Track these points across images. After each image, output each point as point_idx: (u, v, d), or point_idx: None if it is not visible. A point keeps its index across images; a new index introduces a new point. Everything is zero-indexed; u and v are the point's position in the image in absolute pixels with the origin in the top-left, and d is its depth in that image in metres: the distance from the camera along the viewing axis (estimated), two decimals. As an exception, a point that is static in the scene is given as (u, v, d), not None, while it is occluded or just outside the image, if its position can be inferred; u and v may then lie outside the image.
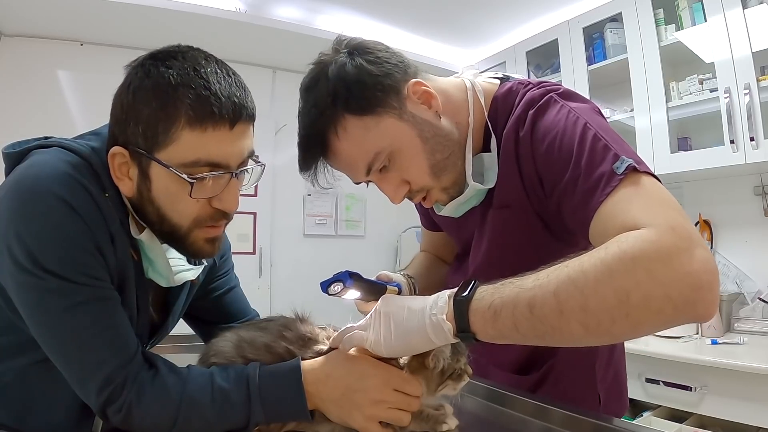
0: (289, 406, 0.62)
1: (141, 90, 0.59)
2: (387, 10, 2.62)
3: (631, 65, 2.07)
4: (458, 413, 0.70)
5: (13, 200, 0.57)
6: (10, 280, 0.58)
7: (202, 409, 0.60)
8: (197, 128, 0.58)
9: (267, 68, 3.03)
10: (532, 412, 0.77)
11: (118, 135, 0.62)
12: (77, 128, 0.70)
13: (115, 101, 0.62)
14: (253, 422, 0.61)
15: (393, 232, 3.47)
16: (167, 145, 0.59)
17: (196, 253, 0.67)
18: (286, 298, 3.26)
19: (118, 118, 0.61)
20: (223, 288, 0.89)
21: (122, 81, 0.62)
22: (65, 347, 0.59)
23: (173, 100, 0.58)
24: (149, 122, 0.59)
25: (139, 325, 0.70)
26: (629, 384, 1.10)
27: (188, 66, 0.60)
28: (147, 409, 0.58)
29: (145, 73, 0.60)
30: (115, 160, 0.62)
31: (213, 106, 0.58)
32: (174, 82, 0.58)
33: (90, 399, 0.59)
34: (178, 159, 0.59)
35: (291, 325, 0.70)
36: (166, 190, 0.61)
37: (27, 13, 2.32)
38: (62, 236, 0.57)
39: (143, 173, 0.61)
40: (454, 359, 0.65)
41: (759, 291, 1.82)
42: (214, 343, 0.69)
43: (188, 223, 0.63)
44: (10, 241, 0.56)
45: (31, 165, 0.60)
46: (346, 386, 0.62)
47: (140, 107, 0.59)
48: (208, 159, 0.60)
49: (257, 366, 0.63)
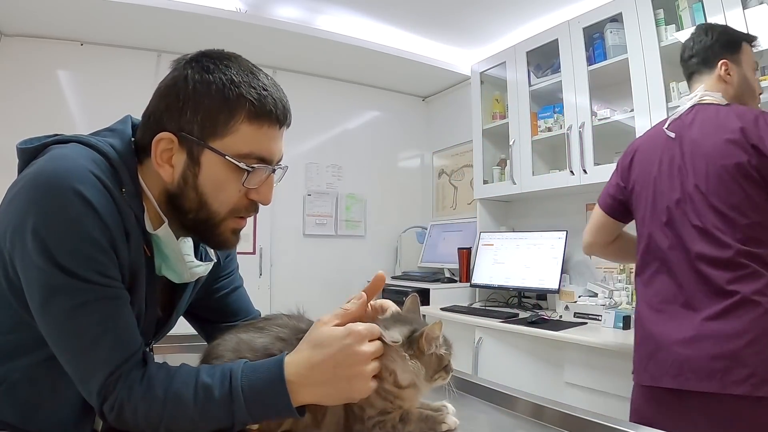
0: (272, 401, 0.60)
1: (203, 83, 0.63)
2: (387, 10, 2.62)
3: (631, 65, 2.07)
4: (458, 413, 0.70)
5: (31, 194, 0.57)
6: (22, 274, 0.58)
7: (186, 406, 0.59)
8: (255, 123, 0.64)
9: (267, 68, 3.01)
10: (532, 413, 0.77)
11: (168, 122, 0.64)
12: (77, 128, 0.71)
13: (168, 90, 0.65)
14: (238, 419, 0.59)
15: (393, 232, 3.47)
16: (225, 135, 0.63)
17: (222, 243, 0.70)
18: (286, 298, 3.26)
19: (170, 105, 0.64)
20: (228, 287, 0.89)
21: (171, 73, 0.66)
22: (71, 345, 0.59)
23: (237, 96, 0.63)
24: (210, 113, 0.63)
25: (146, 323, 0.70)
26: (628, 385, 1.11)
27: (245, 68, 0.65)
28: (136, 407, 0.58)
29: (204, 69, 0.64)
30: (160, 146, 0.64)
31: (271, 105, 0.65)
32: (237, 80, 0.63)
33: (92, 397, 0.59)
34: (233, 149, 0.64)
35: (289, 324, 0.70)
36: (214, 178, 0.65)
37: (27, 13, 2.32)
38: (78, 232, 0.57)
39: (193, 160, 0.64)
40: (447, 351, 0.66)
41: (759, 291, 1.82)
42: (215, 347, 0.69)
43: (225, 211, 0.67)
44: (25, 235, 0.56)
45: (51, 159, 0.60)
46: (331, 358, 0.60)
47: (201, 98, 0.63)
48: (259, 153, 0.65)
49: (243, 362, 0.62)
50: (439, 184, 3.59)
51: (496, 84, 2.85)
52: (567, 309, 2.26)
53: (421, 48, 3.01)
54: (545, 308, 2.50)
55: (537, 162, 2.56)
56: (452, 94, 3.47)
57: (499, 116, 2.82)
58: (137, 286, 0.65)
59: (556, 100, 2.47)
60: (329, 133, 3.31)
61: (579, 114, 2.26)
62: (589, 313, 2.13)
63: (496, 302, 2.70)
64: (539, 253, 2.48)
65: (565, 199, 2.62)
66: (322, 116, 3.27)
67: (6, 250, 0.59)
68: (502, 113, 2.81)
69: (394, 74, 3.27)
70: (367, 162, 3.41)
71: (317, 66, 3.11)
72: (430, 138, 3.67)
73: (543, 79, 2.52)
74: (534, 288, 2.46)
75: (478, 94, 2.88)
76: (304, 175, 3.16)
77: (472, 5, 2.50)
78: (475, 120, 2.88)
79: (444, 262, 3.10)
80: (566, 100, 2.33)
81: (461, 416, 0.70)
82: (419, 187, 3.66)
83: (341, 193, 3.28)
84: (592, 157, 2.21)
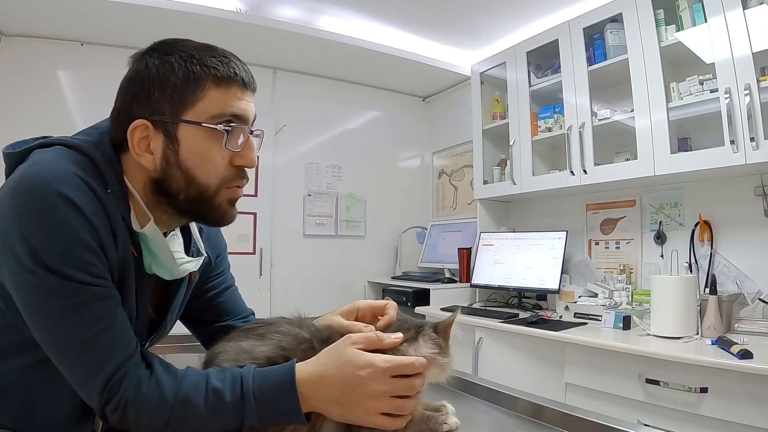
0: (283, 408, 0.61)
1: (165, 64, 0.64)
2: (387, 11, 2.62)
3: (631, 65, 2.06)
4: (458, 413, 0.70)
5: (17, 199, 0.57)
6: (11, 280, 0.58)
7: (196, 410, 0.59)
8: (222, 86, 0.65)
9: (267, 68, 3.04)
10: (532, 413, 0.77)
11: (137, 110, 0.65)
12: (77, 128, 0.70)
13: (132, 82, 0.65)
14: (246, 424, 0.60)
15: (393, 232, 3.47)
16: (195, 103, 0.64)
17: (220, 217, 0.70)
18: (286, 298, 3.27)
19: (137, 93, 0.65)
20: (219, 287, 0.89)
21: (130, 68, 0.66)
22: (66, 348, 0.58)
23: (200, 65, 0.64)
24: (177, 87, 0.64)
25: (138, 323, 0.70)
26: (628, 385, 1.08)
27: (200, 45, 0.67)
28: (141, 408, 0.58)
29: (162, 53, 0.65)
30: (135, 135, 0.64)
31: (235, 69, 0.67)
32: (197, 55, 0.65)
33: (92, 399, 0.59)
34: (205, 114, 0.65)
35: (291, 332, 0.69)
36: (195, 149, 0.65)
37: (27, 13, 2.32)
38: (66, 234, 0.57)
39: (170, 138, 0.65)
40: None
41: (759, 291, 1.82)
42: (216, 357, 0.69)
43: (216, 182, 0.67)
44: (12, 240, 0.56)
45: (34, 164, 0.60)
46: (343, 383, 0.61)
47: (166, 77, 0.64)
48: (232, 111, 0.66)
49: (252, 368, 0.63)
50: (439, 184, 3.59)
51: (496, 84, 2.85)
52: (567, 309, 2.26)
53: (421, 48, 3.01)
54: (545, 308, 2.50)
55: (537, 162, 2.56)
56: (452, 95, 3.47)
57: (499, 116, 2.82)
58: (127, 286, 0.65)
59: (556, 101, 2.47)
60: (329, 133, 3.31)
61: (579, 114, 2.26)
62: (589, 314, 2.13)
63: (496, 302, 2.70)
64: (539, 253, 2.48)
65: (565, 200, 2.62)
66: (322, 116, 3.27)
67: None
68: (502, 113, 2.81)
69: (394, 74, 3.27)
70: (367, 162, 3.41)
71: (317, 66, 3.10)
72: (430, 138, 3.67)
73: (543, 79, 2.52)
74: (534, 288, 2.46)
75: (478, 94, 2.88)
76: (304, 176, 3.15)
77: (473, 6, 2.50)
78: (475, 120, 2.88)
79: (444, 263, 3.10)
80: (566, 100, 2.33)
81: (461, 416, 0.70)
82: (419, 187, 3.66)
83: (341, 193, 3.28)
84: (592, 158, 2.21)
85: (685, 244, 2.09)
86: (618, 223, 2.40)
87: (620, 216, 2.39)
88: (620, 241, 2.39)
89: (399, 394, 0.62)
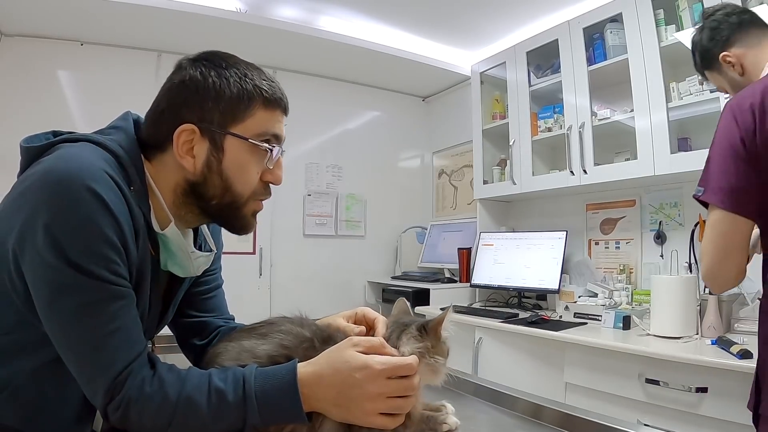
0: (285, 407, 0.61)
1: (221, 77, 0.69)
2: (387, 11, 2.62)
3: (631, 66, 2.07)
4: (458, 413, 0.70)
5: (43, 191, 0.57)
6: (30, 272, 0.57)
7: (199, 410, 0.59)
8: (269, 108, 0.71)
9: (267, 68, 2.99)
10: (532, 413, 0.77)
11: (186, 114, 0.68)
12: (77, 128, 0.71)
13: (184, 86, 0.68)
14: (249, 423, 0.61)
15: (393, 232, 3.47)
16: (244, 119, 0.69)
17: (244, 226, 0.76)
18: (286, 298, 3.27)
19: (188, 99, 0.68)
20: (210, 284, 0.90)
21: (181, 72, 0.69)
22: (78, 345, 0.58)
23: (253, 86, 0.70)
24: (231, 102, 0.68)
25: (149, 320, 0.70)
26: (628, 385, 1.08)
27: (250, 65, 0.73)
28: (144, 408, 0.58)
29: (216, 65, 0.69)
30: (182, 138, 0.67)
31: (279, 94, 0.73)
32: (250, 75, 0.70)
33: (96, 397, 0.59)
34: (251, 131, 0.70)
35: (293, 331, 0.70)
36: (237, 161, 0.70)
37: (27, 13, 2.32)
38: (91, 229, 0.57)
39: (216, 146, 0.69)
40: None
41: (759, 291, 1.81)
42: (217, 356, 0.69)
43: (248, 193, 0.72)
44: (36, 232, 0.56)
45: (61, 157, 0.60)
46: (340, 383, 0.62)
47: (222, 89, 0.68)
48: (273, 131, 0.72)
49: (254, 367, 0.63)
50: (439, 184, 3.59)
51: (496, 84, 2.85)
52: (567, 309, 2.26)
53: (421, 48, 3.01)
54: (545, 308, 2.50)
55: (537, 162, 2.56)
56: (452, 94, 3.47)
57: (499, 116, 2.82)
58: (143, 285, 0.66)
59: (556, 101, 2.47)
60: (329, 133, 3.31)
61: (579, 114, 2.26)
62: (589, 314, 2.13)
63: (496, 302, 2.70)
64: (539, 253, 2.48)
65: (565, 200, 2.62)
66: (322, 116, 3.27)
67: (11, 248, 0.58)
68: (502, 113, 2.81)
69: (394, 74, 3.27)
70: (367, 162, 3.41)
71: (317, 66, 3.11)
72: (430, 138, 3.67)
73: (543, 79, 2.52)
74: (534, 288, 2.46)
75: (478, 94, 2.88)
76: (304, 175, 3.16)
77: (472, 6, 2.50)
78: (475, 120, 2.88)
79: (444, 262, 3.10)
80: (566, 100, 2.33)
81: (461, 416, 0.70)
82: (419, 187, 3.66)
83: (341, 193, 3.28)
84: (592, 158, 2.21)
85: (685, 244, 2.09)
86: (618, 223, 2.40)
87: (620, 216, 2.39)
88: (620, 241, 2.39)
89: (396, 395, 0.63)
